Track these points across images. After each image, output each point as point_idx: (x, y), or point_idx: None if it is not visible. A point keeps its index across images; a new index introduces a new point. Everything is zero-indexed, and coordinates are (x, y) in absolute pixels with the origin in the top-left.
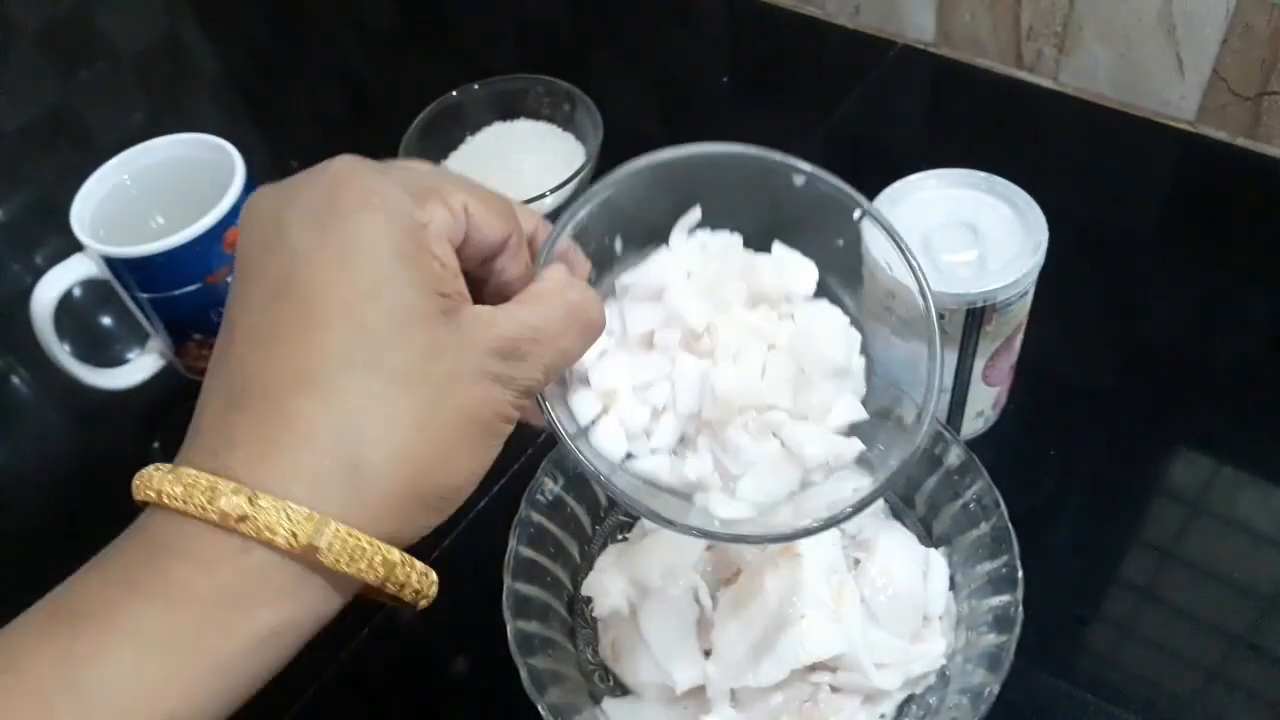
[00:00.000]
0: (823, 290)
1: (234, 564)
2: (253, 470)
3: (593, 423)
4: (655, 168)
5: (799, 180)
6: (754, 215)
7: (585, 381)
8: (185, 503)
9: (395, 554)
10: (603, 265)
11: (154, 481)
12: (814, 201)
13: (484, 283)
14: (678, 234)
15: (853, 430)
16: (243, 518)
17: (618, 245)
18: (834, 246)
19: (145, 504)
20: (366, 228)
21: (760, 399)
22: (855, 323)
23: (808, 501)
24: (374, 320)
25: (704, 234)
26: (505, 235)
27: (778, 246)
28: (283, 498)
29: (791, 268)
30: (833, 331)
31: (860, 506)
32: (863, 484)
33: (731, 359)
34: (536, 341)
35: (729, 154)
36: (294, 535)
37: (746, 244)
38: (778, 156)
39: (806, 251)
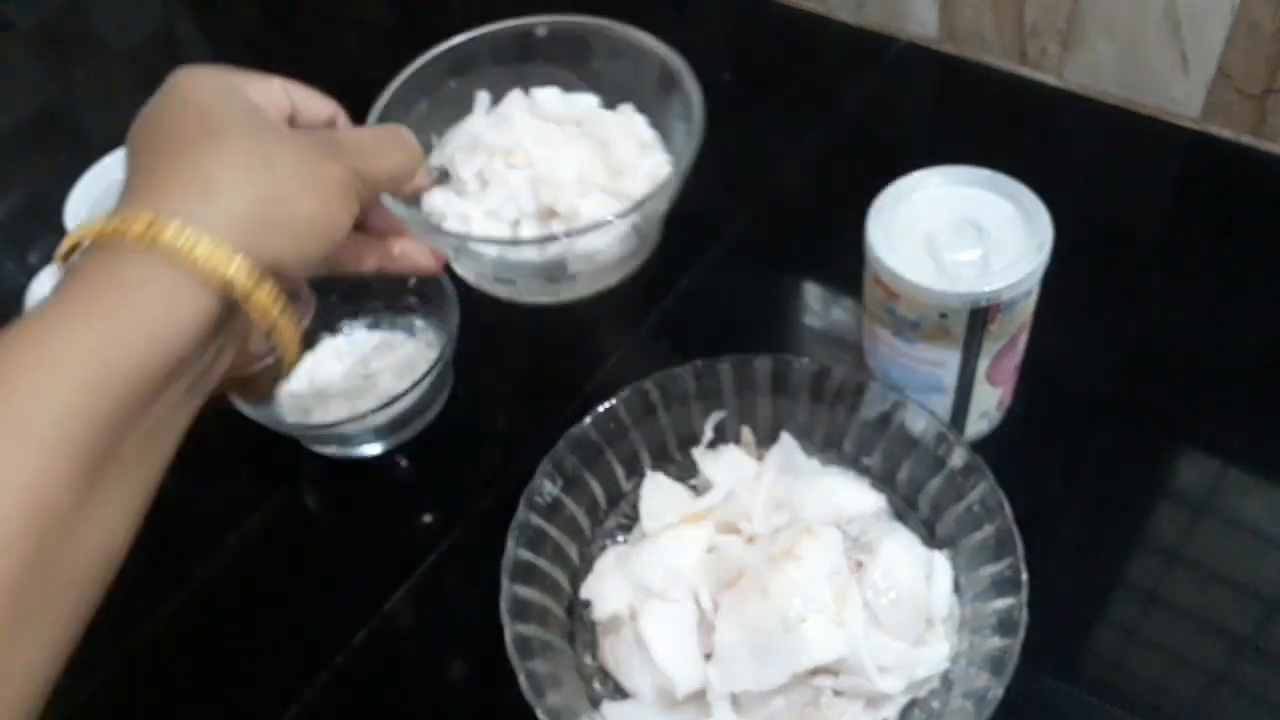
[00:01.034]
0: None
1: (123, 260)
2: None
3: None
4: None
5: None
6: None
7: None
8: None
9: (233, 254)
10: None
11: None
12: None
13: None
14: (478, 105)
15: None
16: (223, 279)
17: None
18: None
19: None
20: (194, 85)
21: (579, 170)
22: None
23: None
24: (228, 128)
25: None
26: (329, 113)
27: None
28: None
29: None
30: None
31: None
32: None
33: (543, 160)
34: (354, 142)
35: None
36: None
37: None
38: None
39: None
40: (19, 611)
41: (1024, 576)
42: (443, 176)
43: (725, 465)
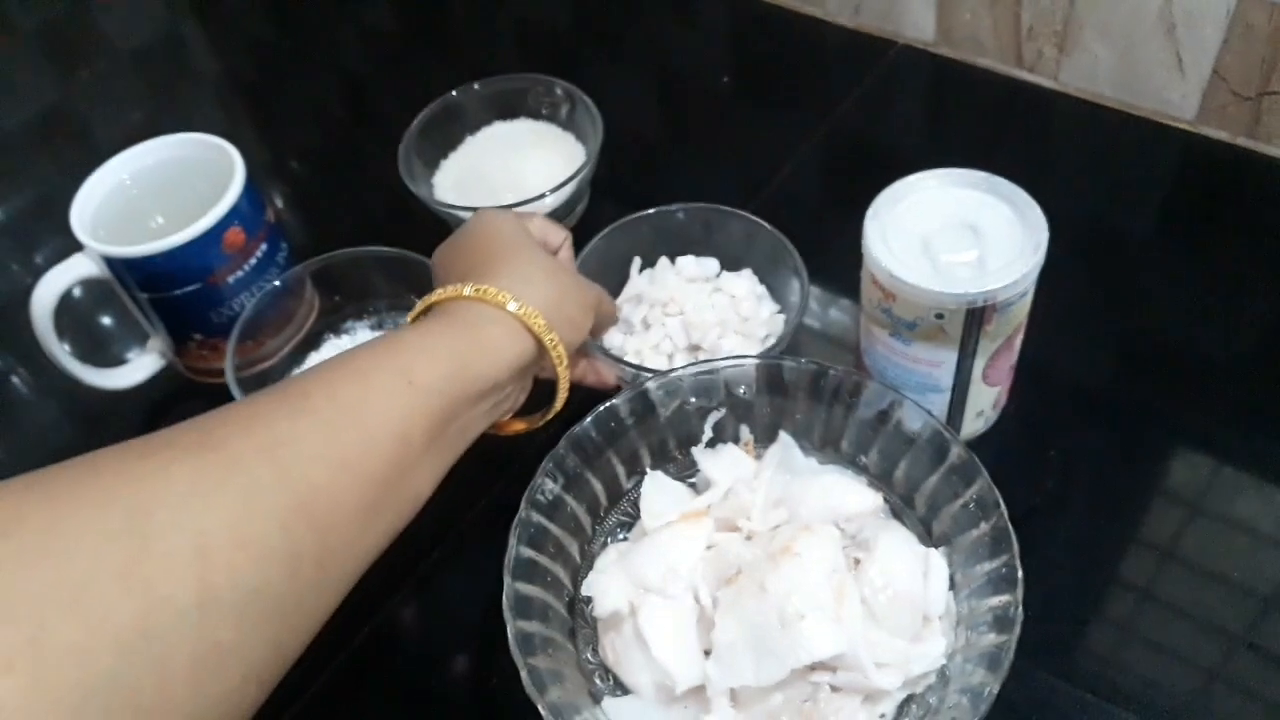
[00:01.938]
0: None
1: (472, 310)
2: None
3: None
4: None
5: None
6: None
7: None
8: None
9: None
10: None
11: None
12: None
13: None
14: (633, 267)
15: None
16: (480, 291)
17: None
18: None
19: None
20: (507, 222)
21: (718, 316)
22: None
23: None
24: (525, 251)
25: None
26: (559, 241)
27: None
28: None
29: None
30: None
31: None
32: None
33: (691, 308)
34: (597, 288)
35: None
36: (501, 302)
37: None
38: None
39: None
40: (375, 502)
41: (1019, 574)
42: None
43: (724, 464)
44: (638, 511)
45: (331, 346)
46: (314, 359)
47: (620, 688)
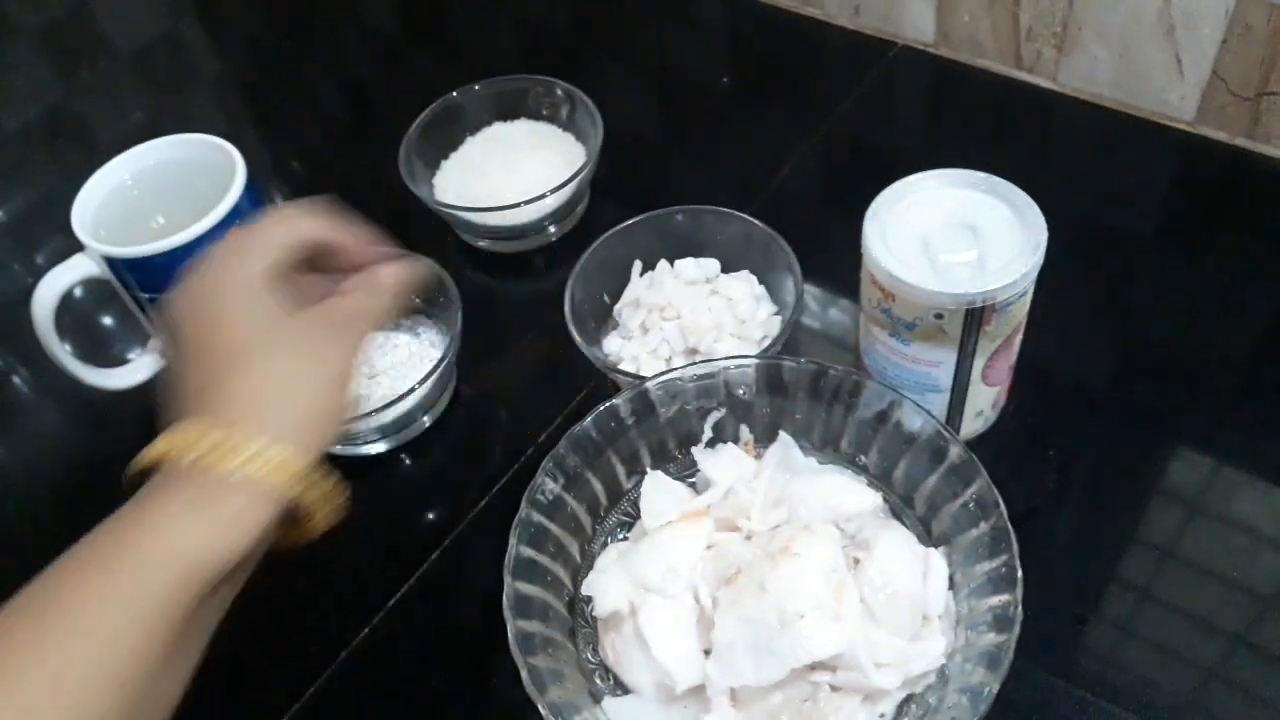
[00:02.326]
0: None
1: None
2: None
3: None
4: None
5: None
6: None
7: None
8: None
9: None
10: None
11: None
12: None
13: None
14: (634, 270)
15: None
16: (201, 456)
17: (605, 297)
18: None
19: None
20: (226, 293)
21: (714, 320)
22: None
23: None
24: (244, 335)
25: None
26: (328, 235)
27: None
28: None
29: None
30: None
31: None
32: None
33: (688, 311)
34: (355, 302)
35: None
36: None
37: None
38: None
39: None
40: None
41: (1019, 573)
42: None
43: (724, 464)
44: (638, 511)
45: None
46: None
47: (620, 687)
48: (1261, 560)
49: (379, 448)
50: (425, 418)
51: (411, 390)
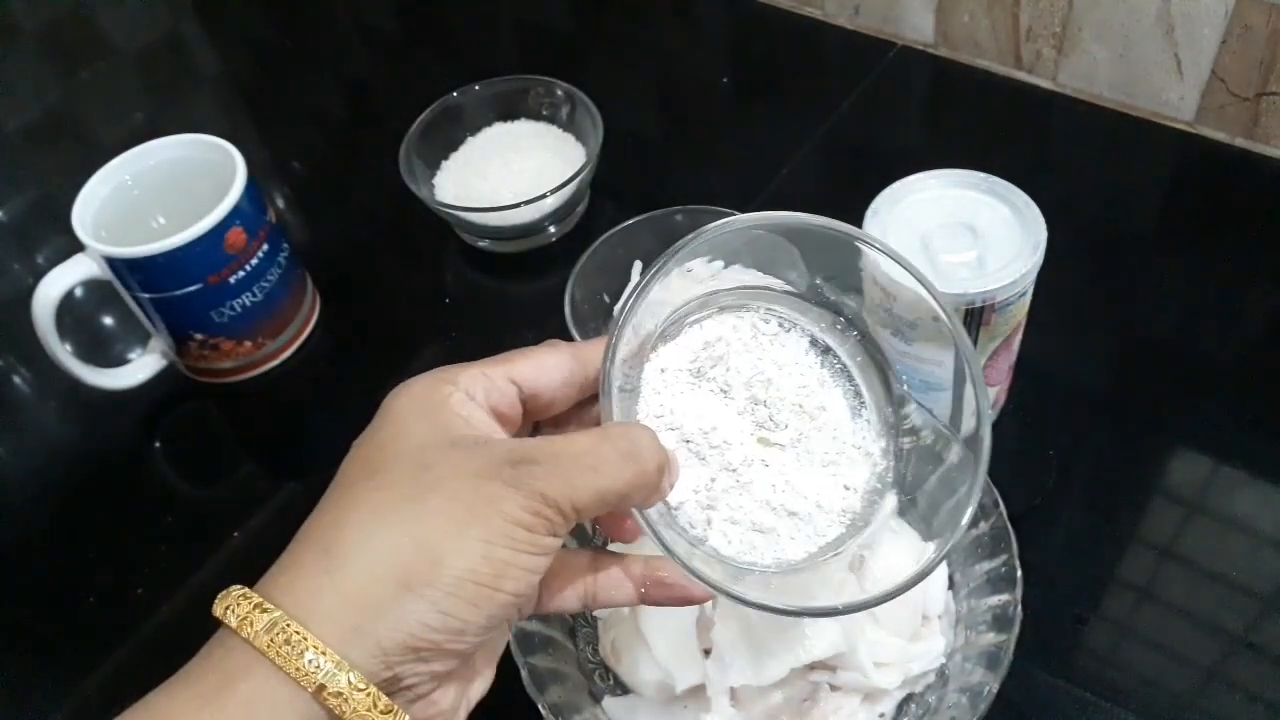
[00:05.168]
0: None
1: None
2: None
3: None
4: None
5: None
6: None
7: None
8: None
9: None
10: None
11: (236, 608)
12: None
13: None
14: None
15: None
16: (317, 684)
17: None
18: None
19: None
20: (394, 409)
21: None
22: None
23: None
24: (386, 463)
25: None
26: (564, 374)
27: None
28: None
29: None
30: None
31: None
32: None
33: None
34: (555, 455)
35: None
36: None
37: None
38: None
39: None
40: None
41: (1018, 573)
42: None
43: None
44: None
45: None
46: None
47: (620, 687)
48: (1261, 560)
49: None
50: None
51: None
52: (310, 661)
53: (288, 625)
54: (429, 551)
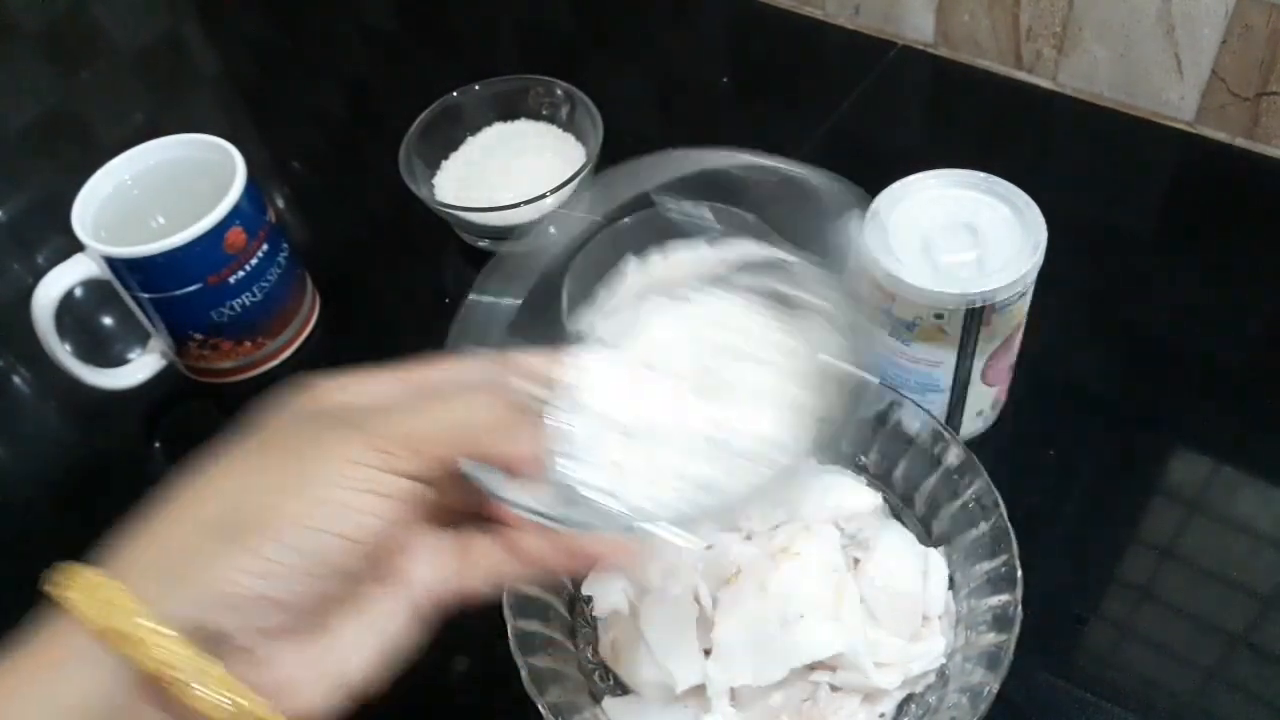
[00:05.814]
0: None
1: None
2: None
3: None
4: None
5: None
6: None
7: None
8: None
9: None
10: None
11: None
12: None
13: None
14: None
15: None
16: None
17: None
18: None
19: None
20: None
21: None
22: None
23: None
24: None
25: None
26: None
27: None
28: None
29: None
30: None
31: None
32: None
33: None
34: (414, 403)
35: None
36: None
37: None
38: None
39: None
40: None
41: (1019, 573)
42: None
43: None
44: None
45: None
46: None
47: (620, 687)
48: (1261, 560)
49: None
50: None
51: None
52: (114, 612)
53: (94, 577)
54: (258, 498)
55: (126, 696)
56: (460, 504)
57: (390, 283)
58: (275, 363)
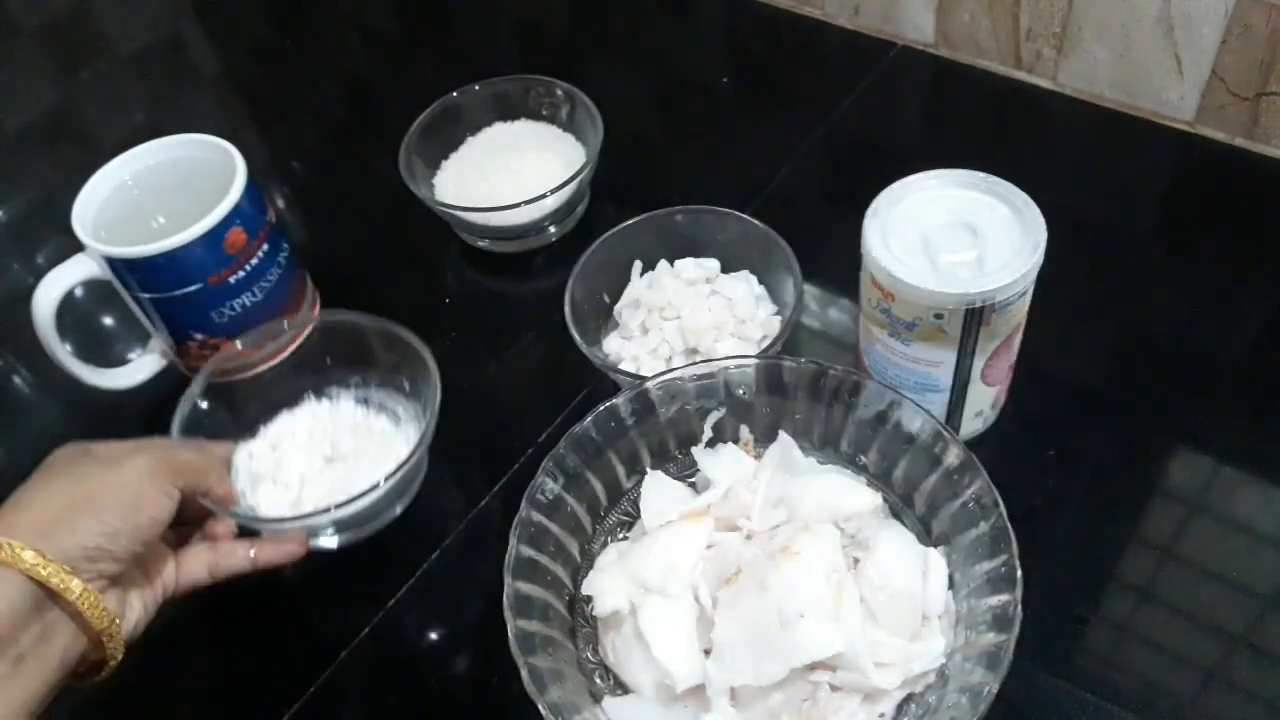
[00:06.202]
0: None
1: None
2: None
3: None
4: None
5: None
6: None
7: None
8: None
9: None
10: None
11: None
12: None
13: None
14: (634, 270)
15: None
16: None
17: (605, 297)
18: None
19: None
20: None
21: (714, 320)
22: None
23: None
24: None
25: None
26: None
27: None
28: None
29: None
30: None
31: None
32: None
33: (688, 311)
34: (167, 446)
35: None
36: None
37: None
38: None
39: None
40: None
41: (1018, 573)
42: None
43: (724, 463)
44: (638, 511)
45: (308, 411)
46: (284, 418)
47: (620, 687)
48: (1261, 560)
49: (332, 543)
50: (398, 508)
51: (374, 487)
52: (14, 552)
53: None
54: (92, 489)
55: (31, 599)
56: (194, 516)
57: (390, 283)
58: (275, 362)
